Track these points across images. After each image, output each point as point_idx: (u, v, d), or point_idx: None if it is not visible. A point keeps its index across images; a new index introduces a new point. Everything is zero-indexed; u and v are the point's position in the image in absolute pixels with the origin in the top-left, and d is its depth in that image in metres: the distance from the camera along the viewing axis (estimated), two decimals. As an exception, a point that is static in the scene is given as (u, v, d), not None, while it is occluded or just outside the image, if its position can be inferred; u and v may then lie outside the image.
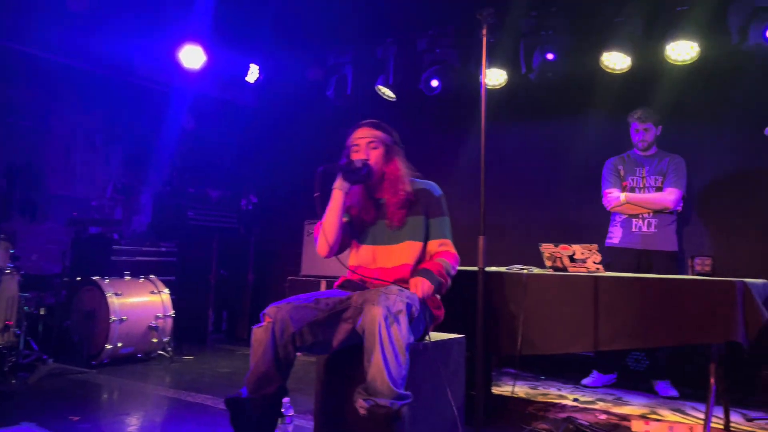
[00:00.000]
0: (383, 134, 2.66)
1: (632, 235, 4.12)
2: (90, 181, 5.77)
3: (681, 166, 4.07)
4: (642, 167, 4.17)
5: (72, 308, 4.68)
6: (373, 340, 2.11)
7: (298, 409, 3.26)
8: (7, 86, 5.18)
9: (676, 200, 4.03)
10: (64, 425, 2.98)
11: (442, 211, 2.67)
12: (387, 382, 2.07)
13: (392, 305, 2.19)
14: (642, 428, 3.16)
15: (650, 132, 4.14)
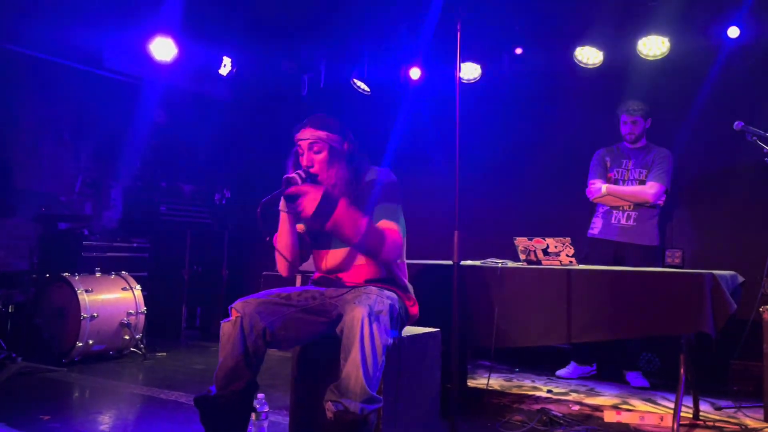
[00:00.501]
0: (327, 134, 2.45)
1: (611, 227, 4.16)
2: (58, 176, 5.65)
3: (666, 160, 4.07)
4: (629, 159, 4.18)
5: (41, 305, 4.58)
6: (352, 337, 2.10)
7: (273, 405, 3.24)
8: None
9: (656, 194, 4.03)
10: (35, 425, 2.93)
11: (387, 197, 2.47)
12: (361, 380, 2.06)
13: (374, 304, 2.19)
14: (614, 418, 3.21)
15: (638, 125, 4.15)
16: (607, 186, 4.13)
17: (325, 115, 2.52)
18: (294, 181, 2.33)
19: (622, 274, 2.98)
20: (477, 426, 3.06)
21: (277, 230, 2.49)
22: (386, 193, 2.47)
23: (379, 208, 2.44)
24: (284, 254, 2.46)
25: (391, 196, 2.48)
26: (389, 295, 2.37)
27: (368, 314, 2.14)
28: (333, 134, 2.47)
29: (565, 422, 3.08)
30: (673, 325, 2.82)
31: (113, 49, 5.38)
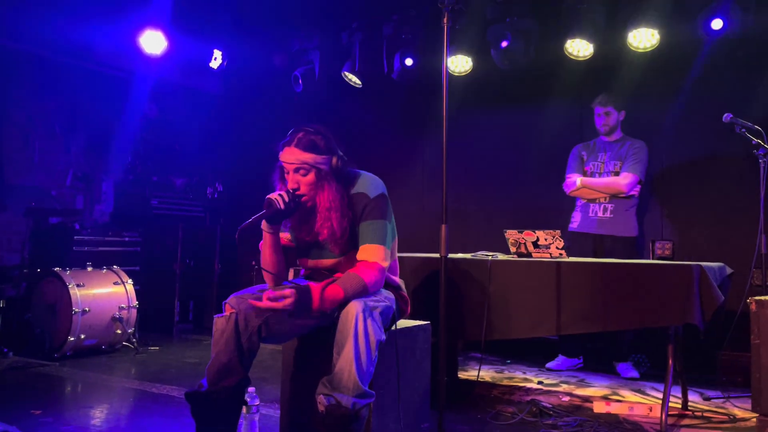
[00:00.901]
0: (313, 157, 2.31)
1: (589, 220, 4.20)
2: (49, 170, 5.62)
3: (641, 152, 4.12)
4: (604, 153, 4.24)
5: (32, 300, 4.57)
6: (347, 332, 2.11)
7: (264, 398, 3.26)
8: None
9: (629, 184, 4.07)
10: (26, 419, 2.93)
11: (375, 213, 2.34)
12: (354, 375, 2.07)
13: (370, 301, 2.20)
14: (603, 409, 3.24)
15: (611, 116, 4.20)
16: (581, 179, 4.18)
17: (311, 132, 2.36)
18: (276, 204, 2.28)
19: (611, 266, 3.00)
20: (467, 418, 3.08)
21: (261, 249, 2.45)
22: (371, 209, 2.36)
23: (363, 227, 2.34)
24: (270, 270, 2.42)
25: (376, 212, 2.36)
26: (386, 295, 2.38)
27: (363, 310, 2.14)
28: (320, 156, 2.34)
29: (555, 413, 3.10)
30: (661, 317, 2.84)
31: (103, 43, 5.34)
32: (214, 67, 5.31)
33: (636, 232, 4.18)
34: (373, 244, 2.31)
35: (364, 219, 2.35)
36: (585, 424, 2.95)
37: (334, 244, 2.38)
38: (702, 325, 2.73)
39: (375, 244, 2.31)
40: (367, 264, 2.29)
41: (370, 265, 2.28)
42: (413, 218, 5.50)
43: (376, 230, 2.33)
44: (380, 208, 2.37)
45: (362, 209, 2.36)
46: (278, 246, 2.42)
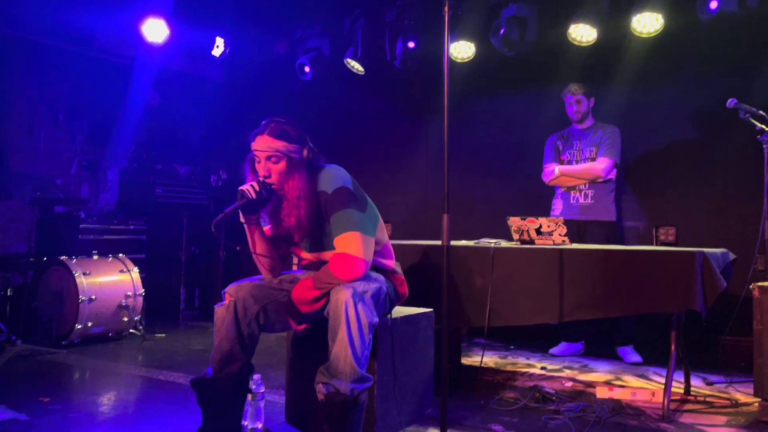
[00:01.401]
0: (285, 145, 2.34)
1: (571, 207, 4.26)
2: (54, 158, 5.65)
3: (615, 137, 4.17)
4: (579, 141, 4.30)
5: (39, 288, 4.62)
6: (338, 318, 2.13)
7: (270, 384, 3.29)
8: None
9: (606, 169, 4.12)
10: (35, 407, 2.97)
11: (340, 203, 2.34)
12: (350, 359, 2.10)
13: (358, 286, 2.22)
14: (606, 394, 3.25)
15: (582, 103, 4.25)
16: (559, 167, 4.24)
17: (283, 121, 2.41)
18: (247, 193, 2.31)
19: (613, 253, 3.01)
20: (471, 403, 3.10)
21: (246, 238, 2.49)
22: (336, 200, 2.36)
23: (333, 220, 2.35)
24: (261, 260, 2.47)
25: (336, 203, 2.35)
26: (376, 276, 2.39)
27: (352, 295, 2.17)
28: (291, 144, 2.35)
29: (558, 399, 3.12)
30: (663, 303, 2.85)
31: (105, 31, 5.34)
32: (217, 54, 5.31)
33: (614, 216, 4.25)
34: (344, 233, 2.31)
35: (330, 213, 2.36)
36: (587, 409, 2.97)
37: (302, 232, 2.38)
38: (704, 311, 2.74)
39: (345, 231, 2.31)
40: (337, 257, 2.30)
41: (341, 257, 2.28)
42: (417, 205, 5.52)
43: (342, 219, 2.33)
44: (340, 199, 2.36)
45: (324, 206, 2.38)
46: (263, 236, 2.46)
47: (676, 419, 2.88)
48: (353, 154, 5.85)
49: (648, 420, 2.86)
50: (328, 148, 6.30)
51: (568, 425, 2.76)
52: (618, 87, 4.36)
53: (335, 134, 5.93)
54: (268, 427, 2.69)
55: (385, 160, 5.70)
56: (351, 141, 5.87)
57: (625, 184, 4.59)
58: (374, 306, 2.27)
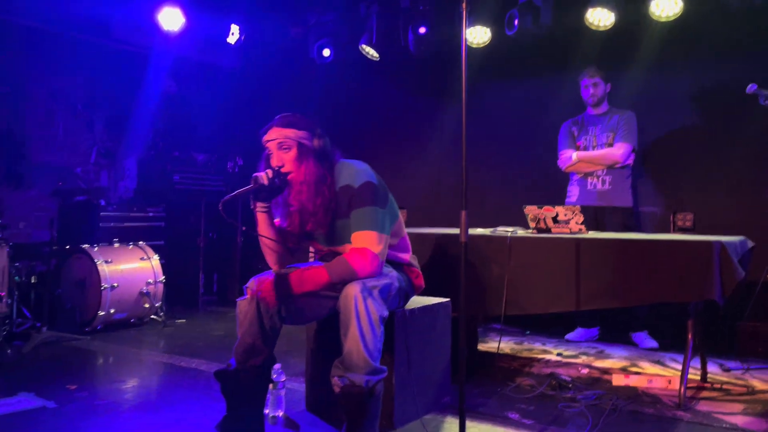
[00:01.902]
0: (295, 131, 2.37)
1: (588, 193, 4.24)
2: (73, 147, 5.72)
3: (631, 121, 4.14)
4: (594, 126, 4.26)
5: (62, 276, 4.71)
6: (349, 314, 2.17)
7: (290, 371, 3.35)
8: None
9: (624, 154, 4.10)
10: (62, 394, 3.05)
11: (368, 199, 2.35)
12: (363, 353, 2.14)
13: (368, 281, 2.25)
14: (622, 382, 3.28)
15: (599, 87, 4.22)
16: (577, 153, 4.22)
17: (291, 114, 2.46)
18: (260, 179, 2.34)
19: (630, 242, 3.01)
20: (487, 391, 3.14)
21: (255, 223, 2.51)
22: (361, 195, 2.37)
23: (353, 216, 2.36)
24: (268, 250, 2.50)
25: (368, 197, 2.37)
26: (387, 272, 2.42)
27: (361, 290, 2.20)
28: (300, 131, 2.39)
29: (574, 386, 3.16)
30: (680, 293, 2.85)
31: (122, 20, 5.37)
32: (232, 42, 5.32)
33: (632, 202, 4.24)
34: (363, 231, 2.32)
35: (352, 208, 2.37)
36: (603, 397, 3.00)
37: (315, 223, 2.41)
38: (722, 301, 2.74)
39: (365, 230, 2.32)
40: (356, 250, 2.31)
41: (360, 251, 2.30)
42: (431, 190, 5.53)
43: (364, 216, 2.34)
44: (367, 195, 2.37)
45: (349, 200, 2.38)
46: (272, 225, 2.49)
47: (692, 407, 2.90)
48: (367, 139, 5.86)
49: (664, 408, 2.89)
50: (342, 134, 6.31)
51: (584, 413, 2.79)
52: (635, 72, 4.31)
53: (349, 120, 5.94)
54: (289, 415, 2.75)
55: (399, 145, 5.71)
56: (365, 126, 5.88)
57: (642, 169, 4.57)
58: (385, 300, 2.30)
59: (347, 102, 5.97)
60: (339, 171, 2.45)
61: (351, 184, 2.39)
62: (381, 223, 2.36)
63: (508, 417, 2.76)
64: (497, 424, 2.68)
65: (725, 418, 2.76)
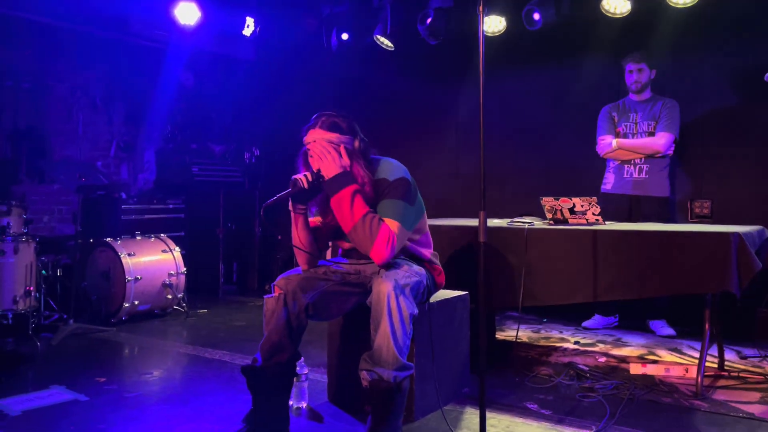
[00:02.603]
0: (338, 136, 2.40)
1: (624, 181, 4.20)
2: (94, 141, 5.82)
3: (674, 111, 4.09)
4: (636, 113, 4.20)
5: (87, 269, 4.82)
6: (381, 310, 2.22)
7: (312, 362, 3.42)
8: (2, 51, 5.16)
9: (666, 144, 4.06)
10: (92, 387, 3.15)
11: (395, 193, 2.41)
12: (393, 350, 2.19)
13: (400, 279, 2.29)
14: (639, 371, 3.31)
15: (644, 73, 4.15)
16: (617, 140, 4.16)
17: (334, 114, 2.45)
18: (300, 183, 2.37)
19: (647, 234, 3.03)
20: (506, 381, 3.19)
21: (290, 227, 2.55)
22: (394, 190, 2.43)
23: (383, 204, 2.41)
24: (302, 249, 2.53)
25: (394, 192, 2.42)
26: (417, 270, 2.47)
27: (394, 288, 2.24)
28: (344, 135, 2.42)
29: (591, 376, 3.20)
30: (697, 284, 2.87)
31: (139, 15, 5.41)
32: (247, 34, 5.35)
33: (668, 192, 4.19)
34: (389, 219, 2.38)
35: (382, 198, 2.42)
36: (621, 386, 3.04)
37: None
38: (738, 292, 2.76)
39: (390, 218, 2.38)
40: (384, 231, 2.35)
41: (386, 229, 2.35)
42: (448, 178, 5.55)
43: (392, 206, 2.40)
44: (398, 189, 2.43)
45: (382, 191, 2.44)
46: (307, 226, 2.53)
47: (709, 396, 2.93)
48: (384, 128, 5.87)
49: (681, 397, 2.92)
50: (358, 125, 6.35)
51: (602, 403, 2.83)
52: (652, 59, 4.27)
53: (366, 110, 5.96)
54: (312, 406, 2.83)
55: (416, 133, 5.73)
56: (381, 116, 5.90)
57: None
58: (415, 298, 2.35)
59: (363, 92, 5.99)
60: (377, 166, 2.51)
61: (386, 178, 2.46)
62: (406, 217, 2.42)
63: (526, 407, 2.82)
64: (516, 414, 2.73)
65: (742, 407, 2.79)
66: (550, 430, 2.55)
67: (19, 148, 5.33)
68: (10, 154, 5.28)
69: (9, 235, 4.10)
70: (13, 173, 5.27)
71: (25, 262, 4.14)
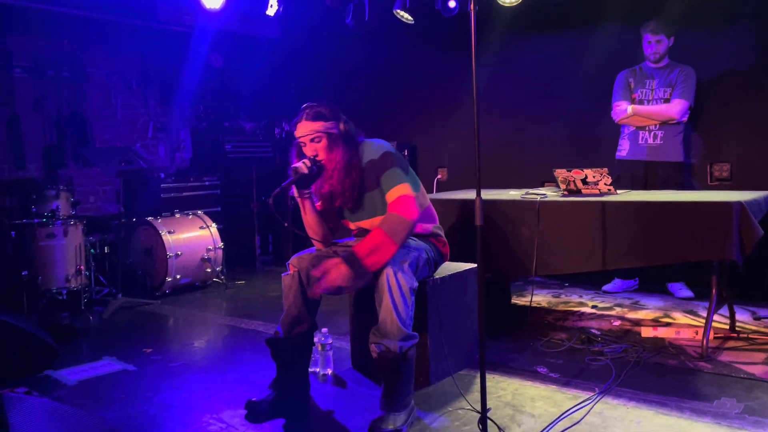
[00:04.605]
0: (323, 124, 2.58)
1: (639, 147, 4.25)
2: (132, 124, 6.12)
3: (690, 78, 4.10)
4: (652, 79, 4.22)
5: (132, 246, 5.16)
6: (382, 288, 2.42)
7: (338, 330, 3.66)
8: (41, 43, 5.45)
9: (681, 111, 4.09)
10: (140, 357, 3.46)
11: (390, 163, 2.59)
12: (396, 322, 2.40)
13: (398, 257, 2.48)
14: (650, 333, 3.44)
15: (662, 44, 4.16)
16: (633, 107, 4.19)
17: (316, 105, 2.63)
18: (300, 170, 2.54)
19: (652, 204, 3.13)
20: (520, 346, 3.37)
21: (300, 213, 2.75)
22: (383, 162, 2.60)
23: (384, 178, 2.58)
24: (313, 232, 2.74)
25: (389, 162, 2.59)
26: (415, 246, 2.66)
27: (392, 266, 2.43)
28: (328, 122, 2.59)
29: (602, 340, 3.35)
30: (701, 252, 2.98)
31: (166, 3, 5.61)
32: (271, 14, 5.47)
33: (683, 156, 4.23)
34: (396, 185, 2.55)
35: (379, 174, 2.60)
36: (629, 350, 3.19)
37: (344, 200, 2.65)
38: (740, 260, 2.86)
39: (397, 184, 2.55)
40: (397, 201, 2.52)
41: (400, 199, 2.51)
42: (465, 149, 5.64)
43: (392, 175, 2.57)
44: (389, 161, 2.60)
45: (375, 171, 2.61)
46: (314, 208, 2.73)
47: (714, 357, 3.06)
48: (405, 102, 6.00)
49: (687, 359, 3.06)
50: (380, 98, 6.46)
51: (609, 366, 2.99)
52: (671, 25, 4.25)
53: (387, 84, 6.08)
54: (337, 373, 3.08)
55: (436, 106, 5.82)
56: (401, 89, 6.01)
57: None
58: (414, 272, 2.53)
59: (383, 68, 6.09)
60: (363, 149, 2.68)
61: (372, 159, 2.63)
62: (409, 179, 2.60)
63: (536, 371, 3.00)
64: (525, 378, 2.92)
65: (745, 368, 2.91)
66: (556, 392, 2.74)
67: (64, 134, 5.66)
68: (56, 140, 5.61)
69: (59, 218, 4.43)
70: (60, 158, 5.62)
71: (75, 243, 4.47)
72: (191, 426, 2.54)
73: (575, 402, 2.61)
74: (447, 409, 2.61)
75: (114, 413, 2.70)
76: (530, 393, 2.74)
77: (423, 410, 2.60)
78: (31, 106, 5.46)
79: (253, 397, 2.62)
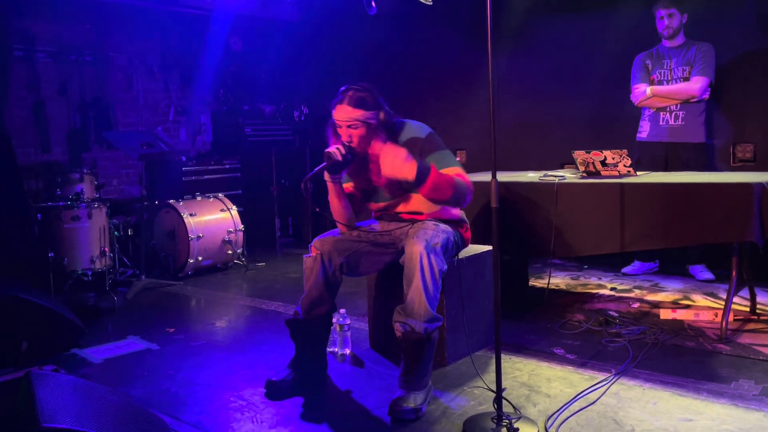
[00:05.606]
0: (363, 113, 2.56)
1: (660, 129, 4.19)
2: (153, 108, 6.18)
3: (709, 54, 4.02)
4: (670, 59, 4.15)
5: (154, 228, 5.25)
6: (413, 268, 2.44)
7: (356, 312, 3.71)
8: (64, 29, 5.52)
9: (702, 88, 4.02)
10: (163, 337, 3.54)
11: (437, 145, 2.65)
12: (424, 303, 2.42)
13: (431, 239, 2.50)
14: (669, 316, 3.43)
15: (675, 18, 4.08)
16: (651, 87, 4.13)
17: (359, 90, 2.59)
18: (334, 156, 2.55)
19: (671, 186, 3.10)
20: (538, 327, 3.39)
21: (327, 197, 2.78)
22: (431, 143, 2.65)
23: (434, 158, 2.59)
24: (339, 215, 2.76)
25: (438, 144, 2.67)
26: (444, 228, 2.66)
27: (425, 248, 2.45)
28: (368, 111, 2.57)
29: (620, 322, 3.35)
30: (721, 234, 2.96)
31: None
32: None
33: (704, 137, 4.16)
34: (452, 167, 2.62)
35: (427, 153, 2.63)
36: (647, 332, 3.19)
37: (390, 187, 2.71)
38: (761, 242, 2.83)
39: (453, 166, 2.62)
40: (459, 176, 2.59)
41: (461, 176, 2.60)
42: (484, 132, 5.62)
43: (446, 157, 2.65)
44: (435, 142, 2.69)
45: (420, 149, 2.63)
46: (342, 193, 2.75)
47: (733, 339, 3.05)
48: (423, 85, 5.97)
49: (706, 341, 3.05)
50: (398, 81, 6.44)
51: (626, 348, 3.00)
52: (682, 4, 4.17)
53: (405, 67, 6.05)
54: (355, 353, 3.12)
55: (454, 88, 5.79)
56: (420, 71, 5.99)
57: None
58: (444, 254, 2.56)
59: (402, 50, 6.07)
60: (401, 129, 2.71)
61: (418, 136, 2.67)
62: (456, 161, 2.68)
63: (553, 352, 3.01)
64: (542, 359, 2.94)
65: (764, 350, 2.90)
66: (572, 373, 2.75)
67: (88, 117, 5.74)
68: (79, 124, 5.70)
69: (83, 201, 4.52)
70: (84, 141, 5.70)
71: (99, 225, 4.56)
72: (212, 403, 2.60)
73: (591, 383, 2.62)
74: (463, 389, 2.64)
75: (138, 390, 2.77)
76: (546, 374, 2.76)
77: (439, 389, 2.63)
78: (55, 91, 5.54)
79: (272, 376, 2.68)
